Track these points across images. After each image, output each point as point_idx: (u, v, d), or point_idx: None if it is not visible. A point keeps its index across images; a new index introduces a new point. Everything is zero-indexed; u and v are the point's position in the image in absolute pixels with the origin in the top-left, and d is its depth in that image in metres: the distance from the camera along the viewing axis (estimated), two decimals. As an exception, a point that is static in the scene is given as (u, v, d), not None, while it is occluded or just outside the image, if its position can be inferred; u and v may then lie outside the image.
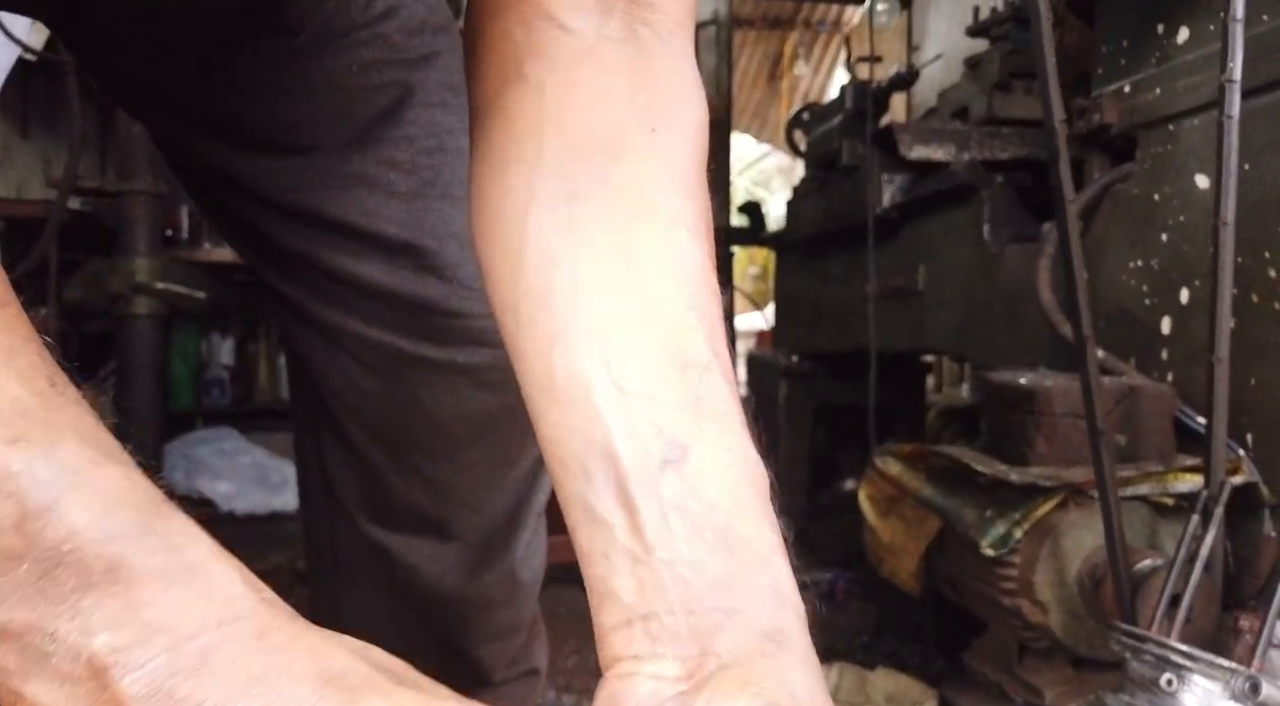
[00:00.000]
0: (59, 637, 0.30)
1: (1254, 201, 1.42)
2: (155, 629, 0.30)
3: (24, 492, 0.30)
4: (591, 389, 0.41)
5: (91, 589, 0.30)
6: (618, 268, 0.43)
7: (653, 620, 0.37)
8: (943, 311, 2.43)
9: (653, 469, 0.39)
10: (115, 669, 0.30)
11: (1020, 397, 1.47)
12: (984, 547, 1.37)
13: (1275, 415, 1.40)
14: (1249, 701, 1.01)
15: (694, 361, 0.42)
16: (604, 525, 0.39)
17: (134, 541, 0.32)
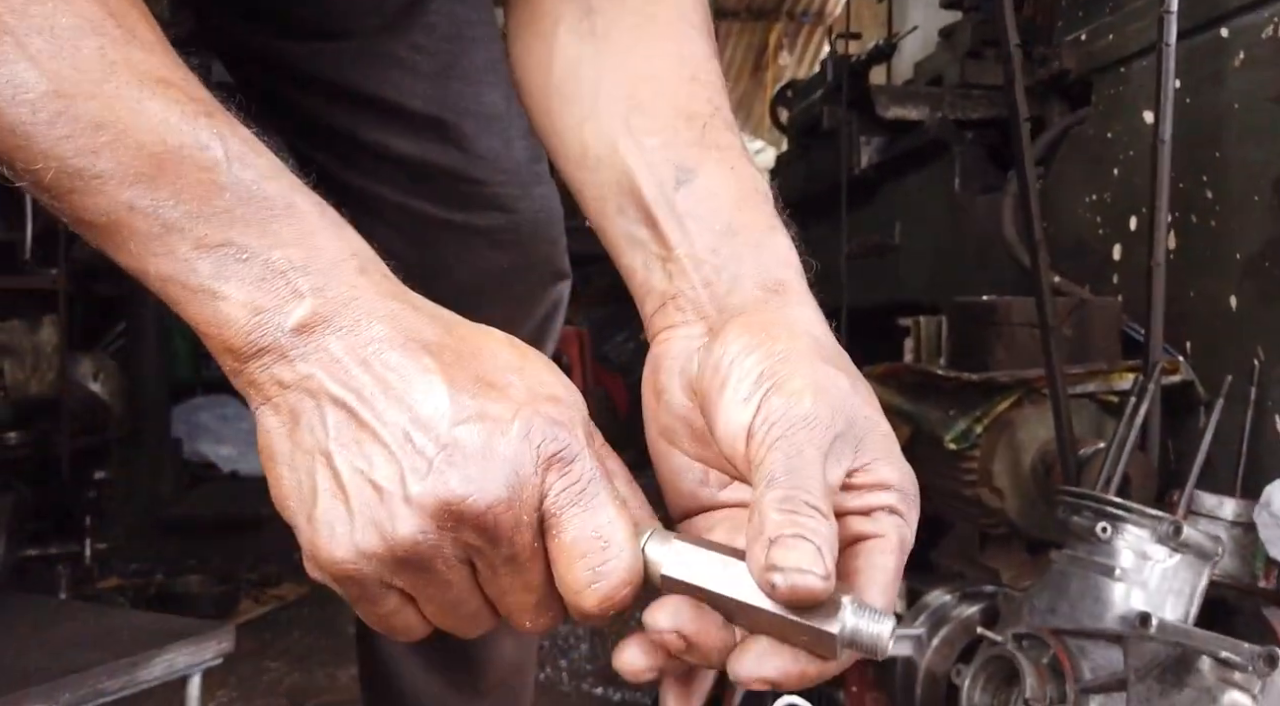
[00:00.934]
0: (251, 248, 0.39)
1: (1193, 130, 1.56)
2: (319, 249, 0.40)
3: (223, 147, 0.39)
4: (616, 146, 0.51)
5: (275, 219, 0.40)
6: (630, 58, 0.53)
7: (679, 297, 0.48)
8: (918, 263, 2.57)
9: (669, 190, 0.49)
10: (292, 272, 0.39)
11: (982, 311, 1.60)
12: (948, 442, 1.50)
13: (1211, 323, 1.53)
14: (1171, 543, 1.14)
15: (697, 113, 0.51)
16: (637, 242, 0.50)
17: (300, 191, 0.42)
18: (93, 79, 0.38)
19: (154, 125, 0.39)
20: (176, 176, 0.38)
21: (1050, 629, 1.16)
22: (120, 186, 0.38)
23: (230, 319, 0.39)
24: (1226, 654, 0.95)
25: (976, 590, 1.43)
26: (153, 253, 0.39)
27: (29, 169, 0.38)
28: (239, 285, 0.39)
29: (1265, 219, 1.44)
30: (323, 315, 0.39)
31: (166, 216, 0.38)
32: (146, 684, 0.89)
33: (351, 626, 2.22)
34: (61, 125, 0.37)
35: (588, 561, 0.39)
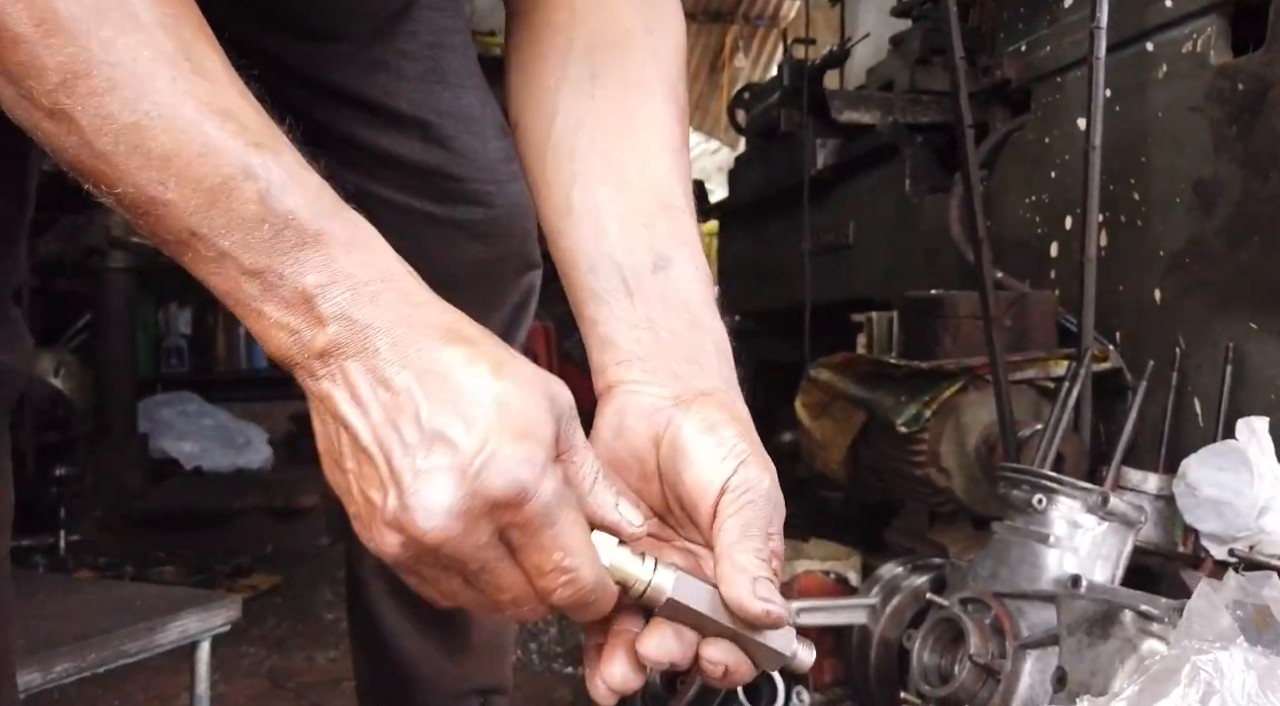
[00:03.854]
0: (285, 276, 0.44)
1: (1122, 137, 1.69)
2: (344, 274, 0.44)
3: (266, 179, 0.44)
4: (601, 213, 0.57)
5: (305, 246, 0.44)
6: (624, 132, 0.59)
7: (647, 361, 0.54)
8: (870, 261, 2.68)
9: (646, 271, 0.55)
10: (318, 297, 0.44)
11: (930, 304, 1.71)
12: (899, 426, 1.60)
13: (1139, 314, 1.66)
14: (1100, 512, 1.26)
15: (674, 205, 0.57)
16: (606, 302, 0.56)
17: (331, 219, 0.45)
18: (165, 113, 0.42)
19: (211, 158, 0.43)
20: (227, 207, 0.43)
21: (992, 592, 1.27)
22: (184, 213, 0.43)
23: (271, 336, 0.45)
24: (1146, 607, 1.06)
25: (926, 562, 1.54)
26: (211, 273, 0.44)
27: (112, 191, 0.43)
28: (275, 308, 0.44)
29: (1186, 219, 1.57)
30: (343, 342, 0.44)
31: (220, 243, 0.43)
32: (162, 647, 0.95)
33: (327, 613, 2.28)
34: (138, 156, 0.42)
35: (549, 580, 0.44)
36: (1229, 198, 1.47)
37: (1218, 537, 1.21)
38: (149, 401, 3.87)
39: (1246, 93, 1.45)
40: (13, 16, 0.41)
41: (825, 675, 1.58)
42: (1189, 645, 0.71)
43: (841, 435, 1.82)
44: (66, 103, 0.41)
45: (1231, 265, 1.47)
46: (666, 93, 0.60)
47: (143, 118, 0.42)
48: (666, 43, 0.62)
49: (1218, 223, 1.50)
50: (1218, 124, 1.50)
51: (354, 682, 1.80)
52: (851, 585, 1.63)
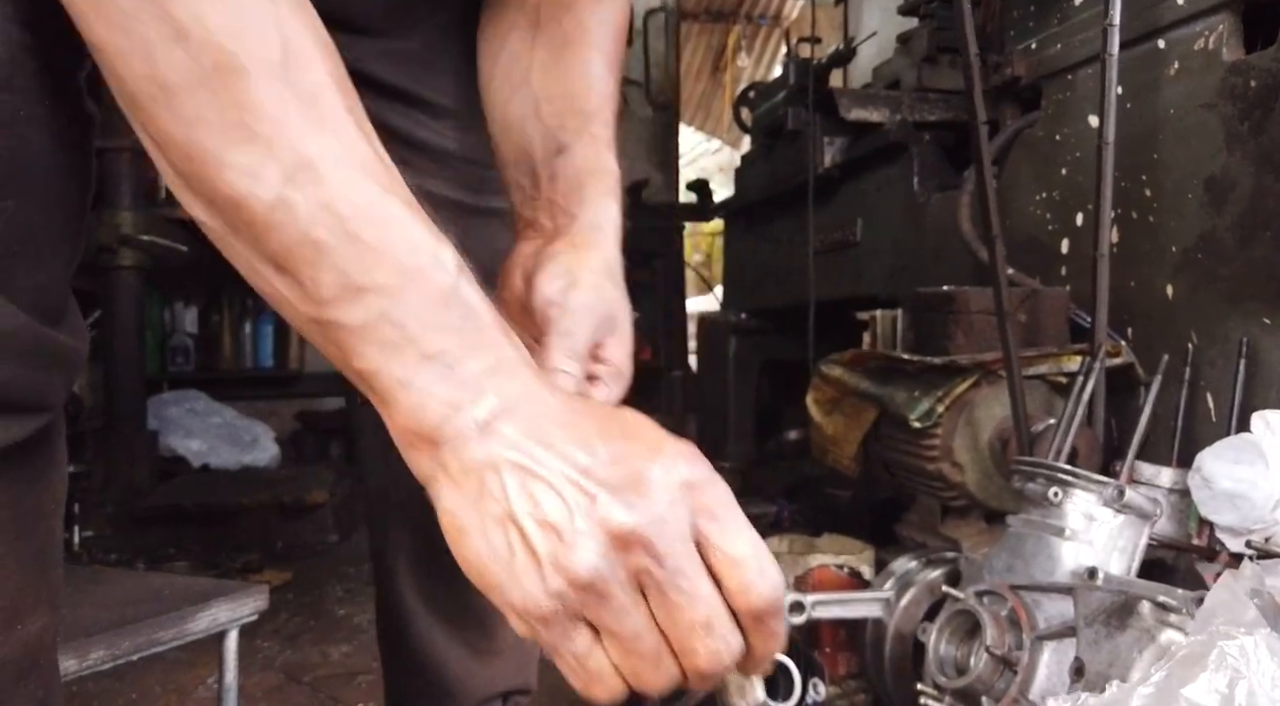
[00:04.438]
0: (459, 359, 0.47)
1: (1134, 133, 1.70)
2: (504, 357, 0.48)
3: (456, 265, 0.48)
4: (525, 123, 0.74)
5: (479, 331, 0.48)
6: (554, 67, 0.75)
7: (536, 223, 0.72)
8: (877, 259, 2.69)
9: (551, 155, 0.72)
10: (484, 376, 0.47)
11: (942, 300, 1.72)
12: (912, 421, 1.61)
13: (1150, 310, 1.67)
14: (1115, 505, 1.27)
15: (585, 110, 0.73)
16: (520, 186, 0.74)
17: (487, 301, 0.49)
18: (375, 205, 0.46)
19: (409, 247, 0.47)
20: (419, 293, 0.46)
21: (1008, 584, 1.28)
22: (379, 297, 0.46)
23: (431, 412, 0.46)
24: (1163, 598, 1.07)
25: (939, 556, 1.55)
26: (387, 356, 0.46)
27: (313, 277, 0.46)
28: (445, 387, 0.47)
29: (1198, 215, 1.58)
30: (503, 408, 0.47)
31: (409, 328, 0.46)
32: (193, 636, 0.96)
33: (338, 608, 2.29)
34: (352, 245, 0.45)
35: (750, 565, 0.45)
36: (1241, 194, 1.48)
37: (1233, 530, 1.22)
38: (156, 399, 3.89)
39: (1259, 89, 1.46)
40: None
41: (840, 668, 1.59)
42: (1215, 630, 0.72)
43: (853, 431, 1.82)
44: (290, 195, 0.44)
45: (1244, 261, 1.48)
46: (597, 43, 0.76)
47: (356, 209, 0.46)
48: (605, 6, 0.77)
49: (1229, 218, 1.51)
50: (1229, 121, 1.51)
51: (370, 678, 1.81)
52: (865, 579, 1.64)
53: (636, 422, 0.49)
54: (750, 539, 0.46)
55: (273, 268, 0.46)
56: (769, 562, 0.46)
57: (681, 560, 0.45)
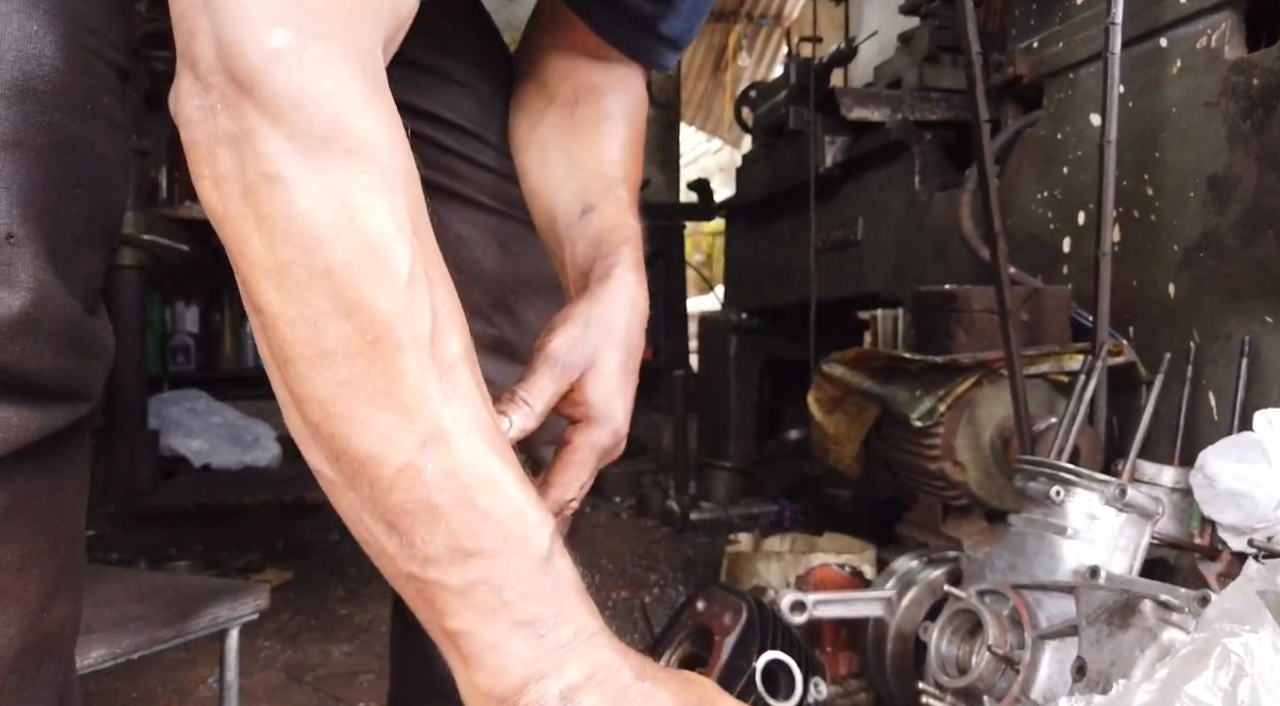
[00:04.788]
0: (549, 627, 0.50)
1: (1136, 132, 1.69)
2: (586, 626, 0.51)
3: (550, 534, 0.51)
4: (558, 186, 0.81)
5: (568, 599, 0.51)
6: (588, 137, 0.82)
7: (568, 271, 0.76)
8: (878, 258, 2.69)
9: (575, 216, 0.77)
10: (568, 646, 0.50)
11: (944, 299, 1.72)
12: (914, 420, 1.61)
13: (1152, 309, 1.67)
14: (1117, 504, 1.27)
15: (610, 176, 0.80)
16: (552, 250, 0.80)
17: (571, 566, 0.52)
18: (494, 476, 0.50)
19: (514, 513, 0.49)
20: (519, 561, 0.49)
21: (1010, 583, 1.27)
22: (483, 561, 0.48)
23: (516, 677, 0.49)
24: (1165, 597, 1.07)
25: (941, 555, 1.55)
26: (483, 618, 0.49)
27: (425, 538, 0.48)
28: (533, 653, 0.49)
29: (1200, 214, 1.58)
30: (585, 679, 0.49)
31: (506, 593, 0.49)
32: (194, 634, 0.96)
33: (339, 608, 2.28)
34: (467, 511, 0.48)
35: None
36: (1243, 192, 1.48)
37: (1236, 529, 1.22)
38: (157, 399, 3.89)
39: (1261, 87, 1.46)
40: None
41: (841, 667, 1.59)
42: (1219, 627, 0.72)
43: (855, 430, 1.82)
44: (420, 460, 0.47)
45: (1246, 259, 1.48)
46: (627, 124, 0.84)
47: (476, 478, 0.49)
48: (628, 93, 0.85)
49: (1232, 217, 1.51)
50: (1232, 119, 1.51)
51: (371, 677, 1.81)
52: (866, 578, 1.63)
53: (706, 689, 0.53)
54: None
55: (384, 524, 0.49)
56: None
57: None
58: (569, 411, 0.68)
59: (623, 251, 0.74)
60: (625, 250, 0.74)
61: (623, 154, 0.83)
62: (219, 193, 0.48)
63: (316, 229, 0.46)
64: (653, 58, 0.86)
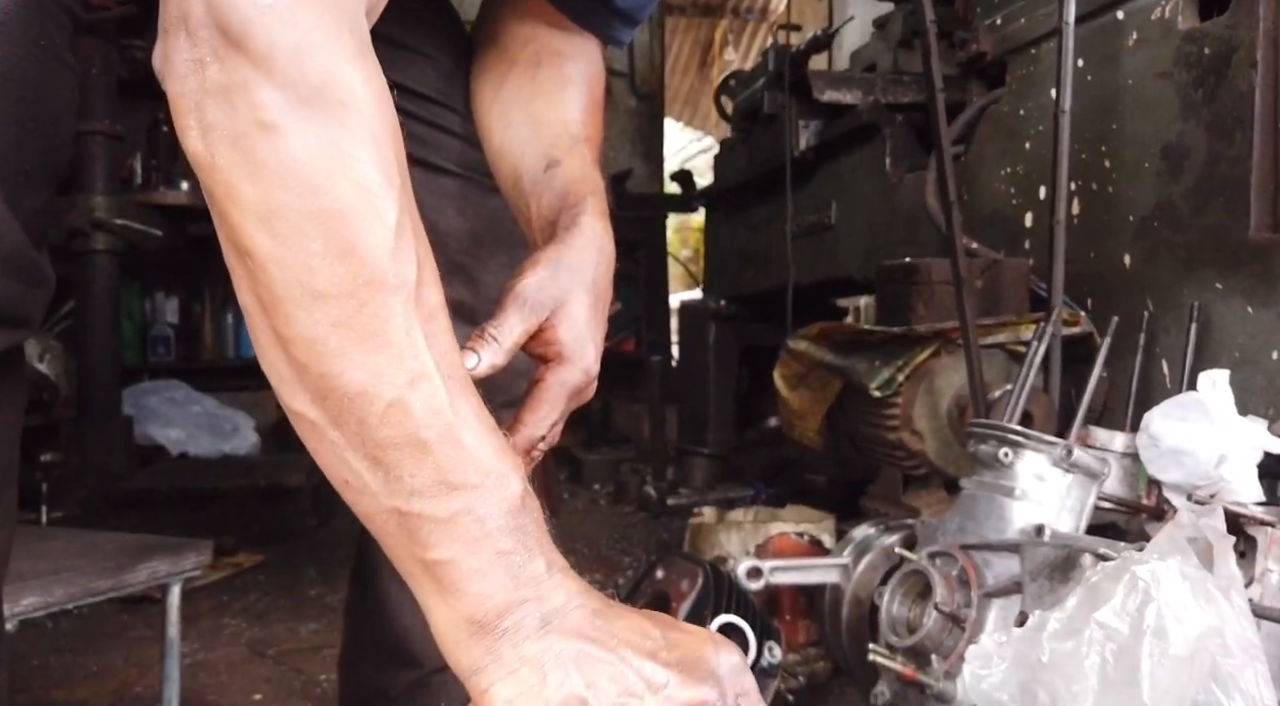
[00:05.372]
0: (525, 558, 0.52)
1: (1094, 104, 1.70)
2: (556, 559, 0.54)
3: (520, 480, 0.54)
4: (524, 145, 0.82)
5: (542, 533, 0.54)
6: (553, 97, 0.84)
7: (535, 225, 0.77)
8: (852, 241, 2.70)
9: (540, 171, 0.79)
10: (545, 574, 0.52)
11: (905, 272, 1.73)
12: (873, 390, 1.62)
13: (1109, 280, 1.68)
14: (1064, 464, 1.28)
15: (574, 133, 0.81)
16: (517, 206, 0.81)
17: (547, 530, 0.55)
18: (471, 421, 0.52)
19: (493, 454, 0.52)
20: (498, 496, 0.52)
21: (958, 544, 1.28)
22: (467, 494, 0.51)
23: (498, 602, 0.51)
24: (1104, 550, 1.08)
25: (899, 523, 1.55)
26: (465, 549, 0.51)
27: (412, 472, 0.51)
28: (513, 581, 0.52)
29: (1154, 184, 1.59)
30: (562, 603, 0.52)
31: (488, 524, 0.51)
32: (132, 588, 0.96)
33: (310, 589, 2.28)
34: (453, 448, 0.51)
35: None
36: (1195, 160, 1.49)
37: (1179, 487, 1.23)
38: (135, 389, 3.88)
39: (1213, 56, 1.47)
40: None
41: (800, 635, 1.60)
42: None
43: (818, 404, 1.83)
44: (409, 397, 0.50)
45: (1197, 227, 1.49)
46: (588, 88, 0.86)
47: (460, 417, 0.52)
48: (589, 62, 0.88)
49: (1185, 186, 1.52)
50: (1184, 88, 1.52)
51: (336, 652, 1.81)
52: (825, 547, 1.64)
53: (671, 618, 0.57)
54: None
55: (368, 459, 0.51)
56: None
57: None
58: (540, 351, 0.69)
59: (588, 201, 0.75)
60: (591, 200, 0.75)
61: (585, 116, 0.85)
62: (205, 142, 0.49)
63: (311, 175, 0.48)
64: (608, 31, 0.88)
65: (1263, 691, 0.72)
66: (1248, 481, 1.18)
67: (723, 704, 0.52)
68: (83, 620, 2.01)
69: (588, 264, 0.72)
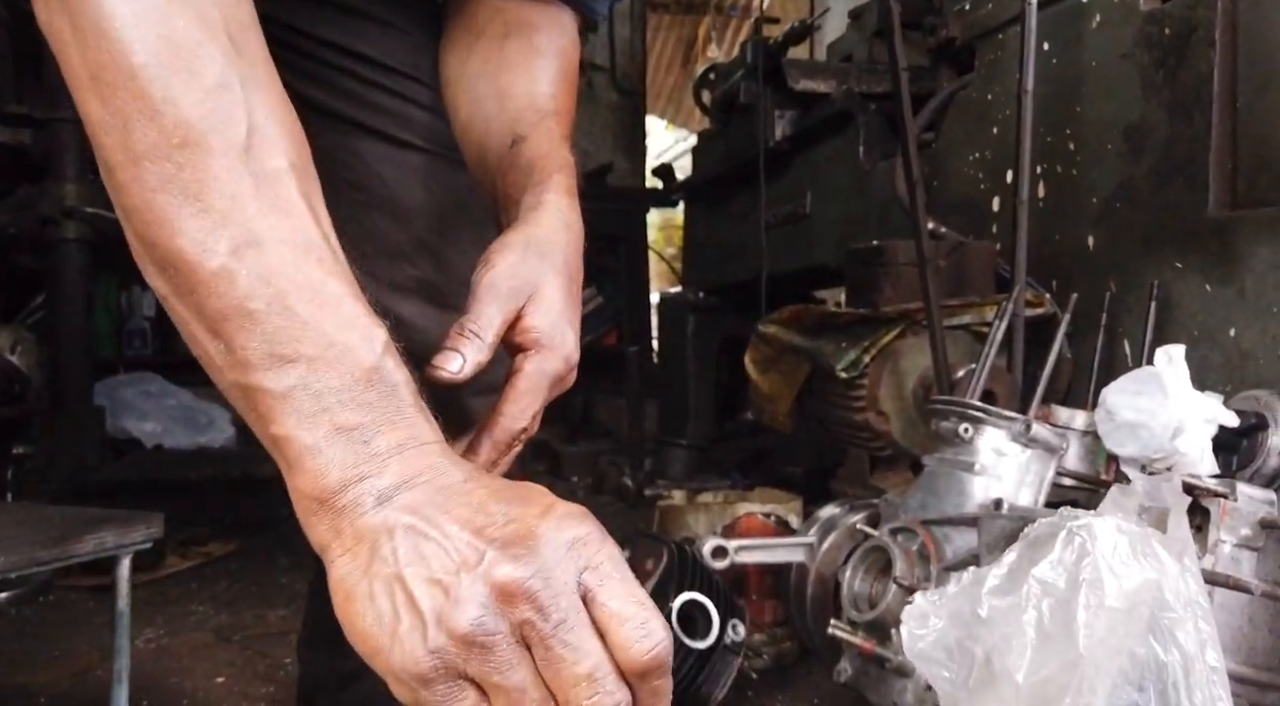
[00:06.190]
0: (371, 435, 0.49)
1: (1059, 88, 1.71)
2: (415, 435, 0.50)
3: (384, 345, 0.51)
4: (489, 121, 0.80)
5: (398, 411, 0.50)
6: (520, 69, 0.82)
7: (501, 204, 0.74)
8: (827, 229, 2.71)
9: (505, 147, 0.76)
10: (392, 452, 0.49)
11: (872, 254, 1.73)
12: (839, 371, 1.62)
13: (1073, 261, 1.69)
14: (1023, 439, 1.28)
15: (542, 108, 0.79)
16: (480, 181, 0.79)
17: (409, 381, 0.52)
18: (311, 289, 0.50)
19: (339, 323, 0.50)
20: (342, 369, 0.49)
21: (920, 520, 1.29)
22: (301, 367, 0.48)
23: (334, 479, 0.49)
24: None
25: (864, 502, 1.55)
26: (301, 423, 0.48)
27: (244, 344, 0.49)
28: (352, 458, 0.49)
29: (1116, 165, 1.60)
30: (404, 480, 0.49)
31: (326, 399, 0.49)
32: (77, 558, 0.95)
33: (281, 577, 2.27)
34: (284, 317, 0.48)
35: (634, 621, 0.46)
36: (1156, 141, 1.50)
37: (1135, 460, 1.23)
38: (110, 382, 3.84)
39: (1173, 37, 1.48)
40: None
41: (766, 615, 1.60)
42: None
43: (788, 387, 1.83)
44: (234, 265, 0.48)
45: (1157, 206, 1.50)
46: (559, 60, 0.83)
47: (294, 285, 0.49)
48: (562, 33, 0.85)
49: (1145, 166, 1.53)
50: (1146, 69, 1.53)
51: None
52: (792, 528, 1.64)
53: (532, 489, 0.51)
54: (636, 596, 0.47)
55: (208, 332, 0.49)
56: (655, 620, 0.46)
57: (567, 614, 0.46)
58: (517, 340, 0.66)
59: (555, 179, 0.73)
60: (558, 177, 0.73)
61: (554, 89, 0.82)
62: (45, 8, 0.49)
63: (120, 31, 0.47)
64: (583, 1, 0.86)
65: (1205, 647, 0.72)
66: (1202, 454, 1.19)
67: (544, 582, 0.45)
68: (48, 607, 1.99)
69: (558, 245, 0.69)
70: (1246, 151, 1.40)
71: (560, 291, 0.67)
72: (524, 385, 0.65)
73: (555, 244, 0.69)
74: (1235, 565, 1.06)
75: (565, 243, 0.69)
